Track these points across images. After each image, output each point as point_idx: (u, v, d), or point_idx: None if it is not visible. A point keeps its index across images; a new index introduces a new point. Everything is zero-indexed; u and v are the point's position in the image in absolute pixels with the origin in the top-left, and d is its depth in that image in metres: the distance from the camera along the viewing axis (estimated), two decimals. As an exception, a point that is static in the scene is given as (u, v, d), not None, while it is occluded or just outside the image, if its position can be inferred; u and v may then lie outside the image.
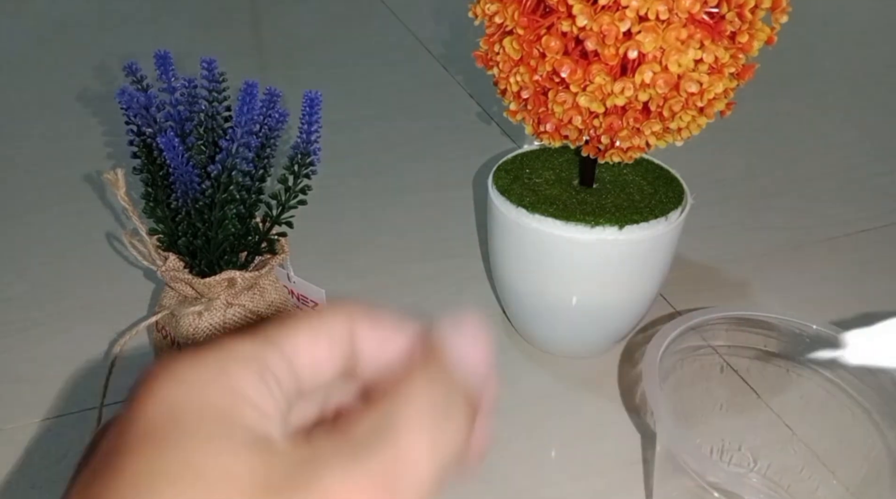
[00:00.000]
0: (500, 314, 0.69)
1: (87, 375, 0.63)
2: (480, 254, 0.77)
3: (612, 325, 0.62)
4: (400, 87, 1.09)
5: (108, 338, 0.66)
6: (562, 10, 0.48)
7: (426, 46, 1.20)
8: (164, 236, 0.56)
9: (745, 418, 0.56)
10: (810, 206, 0.85)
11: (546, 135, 0.54)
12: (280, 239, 0.58)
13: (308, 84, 0.57)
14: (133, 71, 0.55)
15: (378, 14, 1.32)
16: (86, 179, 0.88)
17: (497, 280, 0.65)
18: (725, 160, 0.93)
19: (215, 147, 0.55)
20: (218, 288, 0.56)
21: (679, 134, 0.53)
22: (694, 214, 0.61)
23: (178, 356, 0.21)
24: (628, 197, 0.59)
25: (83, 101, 1.04)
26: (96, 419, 0.58)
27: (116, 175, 0.53)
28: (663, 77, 0.48)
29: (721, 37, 0.48)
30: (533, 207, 0.57)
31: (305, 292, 0.65)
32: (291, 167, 0.55)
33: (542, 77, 0.51)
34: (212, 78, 0.55)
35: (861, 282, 0.74)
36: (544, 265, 0.58)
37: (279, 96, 0.54)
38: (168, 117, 0.54)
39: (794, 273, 0.76)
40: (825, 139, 0.99)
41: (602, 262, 0.57)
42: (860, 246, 0.79)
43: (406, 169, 0.91)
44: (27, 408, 0.60)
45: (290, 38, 1.25)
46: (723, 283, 0.74)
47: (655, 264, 0.59)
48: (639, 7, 0.46)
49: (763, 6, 0.49)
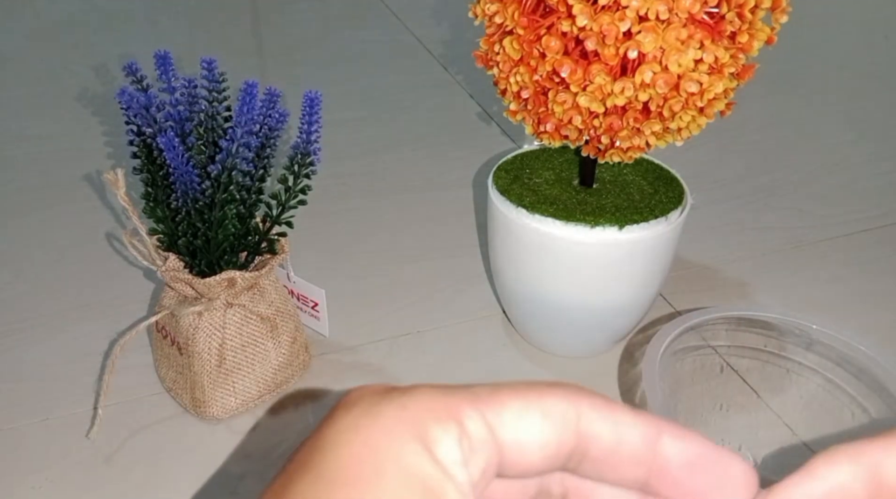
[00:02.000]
0: (500, 314, 0.69)
1: (87, 375, 0.63)
2: (480, 254, 0.77)
3: (612, 325, 0.62)
4: (400, 87, 1.09)
5: (108, 338, 0.66)
6: (562, 10, 0.48)
7: (426, 46, 1.20)
8: (164, 236, 0.56)
9: (745, 418, 0.56)
10: (810, 206, 0.85)
11: (546, 135, 0.54)
12: (280, 239, 0.58)
13: (308, 84, 0.57)
14: (133, 71, 0.55)
15: (378, 14, 1.32)
16: (86, 179, 0.88)
17: (497, 280, 0.65)
18: (725, 160, 0.93)
19: (215, 147, 0.55)
20: (218, 288, 0.56)
21: (679, 134, 0.53)
22: (694, 214, 0.61)
23: (373, 389, 0.18)
24: (628, 197, 0.59)
25: (83, 101, 1.04)
26: (95, 419, 0.58)
27: (116, 175, 0.53)
28: (663, 77, 0.48)
29: (721, 37, 0.48)
30: (533, 207, 0.57)
31: (305, 292, 0.65)
32: (291, 167, 0.55)
33: (542, 77, 0.51)
34: (212, 78, 0.55)
35: (861, 282, 0.74)
36: (544, 265, 0.58)
37: (279, 96, 0.54)
38: (168, 117, 0.54)
39: (794, 273, 0.76)
40: (825, 139, 0.99)
41: (602, 262, 0.57)
42: (860, 246, 0.79)
43: (406, 169, 0.91)
44: (27, 408, 0.60)
45: (290, 38, 1.25)
46: (723, 283, 0.74)
47: (655, 264, 0.59)
48: (639, 7, 0.46)
49: (763, 6, 0.49)
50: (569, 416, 0.19)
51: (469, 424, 0.18)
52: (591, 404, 0.19)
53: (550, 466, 0.19)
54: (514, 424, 0.18)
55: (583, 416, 0.19)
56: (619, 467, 0.19)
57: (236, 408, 0.59)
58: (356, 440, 0.17)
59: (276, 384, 0.60)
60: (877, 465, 0.18)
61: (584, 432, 0.19)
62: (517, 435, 0.18)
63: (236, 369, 0.58)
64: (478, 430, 0.18)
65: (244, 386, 0.59)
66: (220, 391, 0.58)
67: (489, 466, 0.18)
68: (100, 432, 0.57)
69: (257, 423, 0.59)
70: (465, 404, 0.18)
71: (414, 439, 0.17)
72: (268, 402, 0.61)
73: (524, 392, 0.19)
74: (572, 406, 0.19)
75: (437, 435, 0.17)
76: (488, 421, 0.18)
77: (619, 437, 0.19)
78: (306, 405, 0.61)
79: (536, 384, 0.19)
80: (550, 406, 0.19)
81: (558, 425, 0.19)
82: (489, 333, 0.68)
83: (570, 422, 0.19)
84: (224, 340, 0.57)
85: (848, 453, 0.18)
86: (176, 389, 0.60)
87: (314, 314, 0.65)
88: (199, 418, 0.59)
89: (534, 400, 0.19)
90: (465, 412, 0.18)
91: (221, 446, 0.57)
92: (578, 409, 0.19)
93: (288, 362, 0.61)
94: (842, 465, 0.18)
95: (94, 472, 0.55)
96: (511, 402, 0.19)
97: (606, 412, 0.19)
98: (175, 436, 0.58)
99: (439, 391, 0.18)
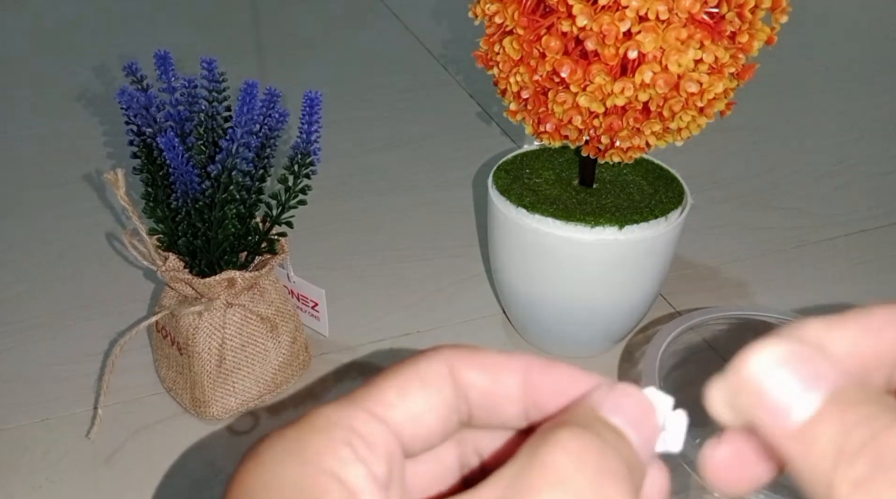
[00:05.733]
0: (500, 314, 0.69)
1: (86, 375, 0.63)
2: (480, 254, 0.77)
3: (612, 325, 0.62)
4: (400, 87, 1.09)
5: (108, 338, 0.66)
6: (562, 10, 0.48)
7: (426, 46, 1.20)
8: (164, 236, 0.56)
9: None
10: (810, 206, 0.85)
11: (546, 135, 0.54)
12: (280, 239, 0.58)
13: (308, 84, 0.57)
14: (133, 71, 0.55)
15: (378, 14, 1.32)
16: (86, 179, 0.88)
17: (497, 280, 0.65)
18: (725, 160, 0.93)
19: (215, 147, 0.55)
20: (218, 288, 0.56)
21: (679, 134, 0.53)
22: (694, 214, 0.61)
23: (269, 434, 0.19)
24: (628, 197, 0.59)
25: (83, 101, 1.04)
26: (95, 419, 0.58)
27: (116, 175, 0.53)
28: (663, 77, 0.48)
29: (721, 37, 0.48)
30: (533, 207, 0.57)
31: (305, 292, 0.65)
32: (291, 167, 0.55)
33: (542, 77, 0.51)
34: (212, 78, 0.55)
35: (861, 282, 0.74)
36: (544, 265, 0.58)
37: (279, 96, 0.54)
38: (168, 117, 0.54)
39: (794, 273, 0.76)
40: (824, 139, 0.99)
41: (602, 262, 0.57)
42: (860, 246, 0.79)
43: (406, 169, 0.91)
44: (27, 408, 0.60)
45: (290, 38, 1.25)
46: (723, 283, 0.74)
47: (655, 264, 0.59)
48: (639, 7, 0.46)
49: (763, 6, 0.49)
50: (443, 373, 0.20)
51: (359, 426, 0.19)
52: (460, 356, 0.20)
53: (448, 426, 0.20)
54: (399, 403, 0.19)
55: (455, 369, 0.20)
56: (500, 408, 0.21)
57: (236, 408, 0.59)
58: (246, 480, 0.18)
59: (276, 384, 0.60)
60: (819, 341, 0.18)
61: (461, 383, 0.20)
62: (406, 410, 0.19)
63: (236, 369, 0.58)
64: (368, 427, 0.19)
65: (244, 386, 0.59)
66: (220, 391, 0.58)
67: (392, 455, 0.19)
68: (100, 432, 0.57)
69: (257, 423, 0.59)
70: (351, 409, 0.19)
71: (295, 458, 0.18)
72: (268, 402, 0.61)
73: (399, 369, 0.20)
74: (444, 364, 0.20)
75: (320, 446, 0.18)
76: (375, 413, 0.19)
77: (491, 379, 0.20)
78: (306, 405, 0.61)
79: (409, 358, 0.20)
80: (424, 371, 0.20)
81: (438, 384, 0.20)
82: (489, 333, 0.68)
83: (445, 378, 0.20)
84: (224, 340, 0.57)
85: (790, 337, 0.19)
86: (176, 389, 0.60)
87: (314, 314, 0.65)
88: (199, 418, 0.59)
89: (409, 373, 0.20)
90: (353, 417, 0.19)
91: (221, 446, 0.57)
92: (450, 364, 0.20)
93: (288, 362, 0.61)
94: None
95: (94, 472, 0.55)
96: (389, 384, 0.20)
97: (476, 360, 0.20)
98: (175, 436, 0.58)
99: (323, 407, 0.19)
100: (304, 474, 0.17)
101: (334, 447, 0.18)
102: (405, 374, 0.20)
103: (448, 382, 0.20)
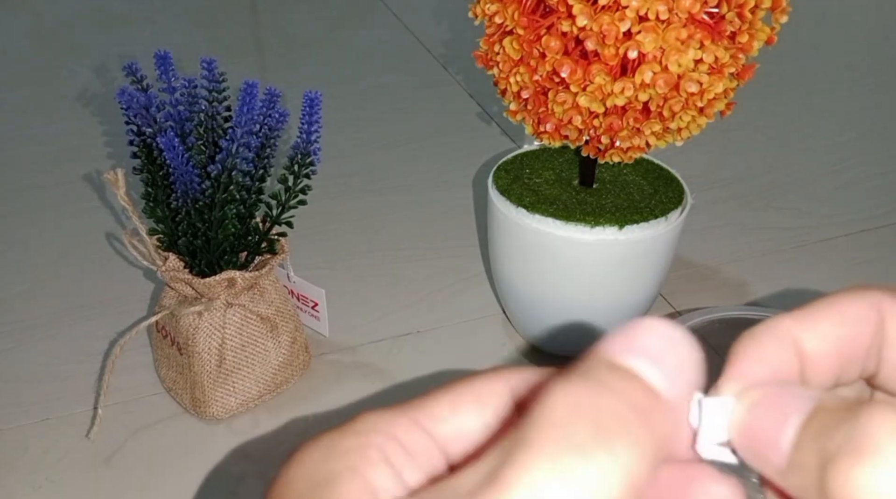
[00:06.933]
0: (500, 314, 0.69)
1: (86, 375, 0.63)
2: (480, 254, 0.77)
3: (612, 325, 0.62)
4: (400, 87, 1.09)
5: (109, 338, 0.66)
6: (562, 10, 0.48)
7: (426, 46, 1.20)
8: (164, 236, 0.56)
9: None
10: (810, 206, 0.85)
11: (546, 135, 0.54)
12: (280, 239, 0.58)
13: (308, 84, 0.57)
14: (133, 71, 0.55)
15: (378, 14, 1.32)
16: (86, 179, 0.88)
17: (497, 280, 0.65)
18: (725, 160, 0.93)
19: (215, 147, 0.55)
20: (218, 288, 0.56)
21: (679, 134, 0.53)
22: (694, 214, 0.61)
23: (316, 434, 0.19)
24: (628, 197, 0.59)
25: (83, 101, 1.04)
26: (95, 419, 0.58)
27: (116, 175, 0.53)
28: (663, 77, 0.48)
29: (721, 37, 0.48)
30: (533, 207, 0.57)
31: (305, 292, 0.65)
32: (291, 167, 0.55)
33: (542, 77, 0.51)
34: (212, 78, 0.55)
35: (861, 282, 0.74)
36: (544, 265, 0.58)
37: (279, 96, 0.54)
38: (168, 117, 0.54)
39: (794, 273, 0.76)
40: (824, 139, 0.99)
41: (602, 262, 0.57)
42: (860, 246, 0.79)
43: (406, 169, 0.91)
44: (27, 408, 0.60)
45: (290, 38, 1.25)
46: (723, 283, 0.74)
47: (655, 264, 0.59)
48: (639, 7, 0.46)
49: (763, 6, 0.49)
50: (503, 392, 0.19)
51: (400, 433, 0.18)
52: (522, 377, 0.20)
53: None
54: (450, 417, 0.19)
55: (516, 389, 0.20)
56: None
57: (236, 408, 0.59)
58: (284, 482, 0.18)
59: (276, 384, 0.60)
60: (796, 339, 0.19)
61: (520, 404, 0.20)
62: (457, 426, 0.19)
63: (236, 369, 0.58)
64: (409, 436, 0.18)
65: (244, 386, 0.59)
66: (220, 391, 0.58)
67: (435, 468, 0.19)
68: (100, 432, 0.57)
69: (257, 423, 0.59)
70: (396, 417, 0.19)
71: (328, 463, 0.18)
72: (268, 402, 0.61)
73: (455, 385, 0.20)
74: (504, 383, 0.20)
75: (354, 451, 0.18)
76: (421, 423, 0.19)
77: None
78: (306, 405, 0.61)
79: (470, 375, 0.20)
80: (481, 389, 0.19)
81: (495, 404, 0.19)
82: (489, 333, 0.68)
83: (502, 398, 0.19)
84: (224, 340, 0.57)
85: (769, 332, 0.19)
86: (176, 389, 0.60)
87: (314, 314, 0.65)
88: (199, 418, 0.59)
89: (465, 389, 0.19)
90: (396, 424, 0.18)
91: (221, 446, 0.57)
92: (509, 383, 0.20)
93: (288, 362, 0.61)
94: (770, 346, 0.19)
95: (94, 472, 0.55)
96: (443, 398, 0.19)
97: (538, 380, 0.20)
98: (175, 436, 0.58)
99: (368, 413, 0.19)
100: (325, 470, 0.17)
101: (364, 449, 0.18)
102: (460, 389, 0.19)
103: (505, 402, 0.19)
